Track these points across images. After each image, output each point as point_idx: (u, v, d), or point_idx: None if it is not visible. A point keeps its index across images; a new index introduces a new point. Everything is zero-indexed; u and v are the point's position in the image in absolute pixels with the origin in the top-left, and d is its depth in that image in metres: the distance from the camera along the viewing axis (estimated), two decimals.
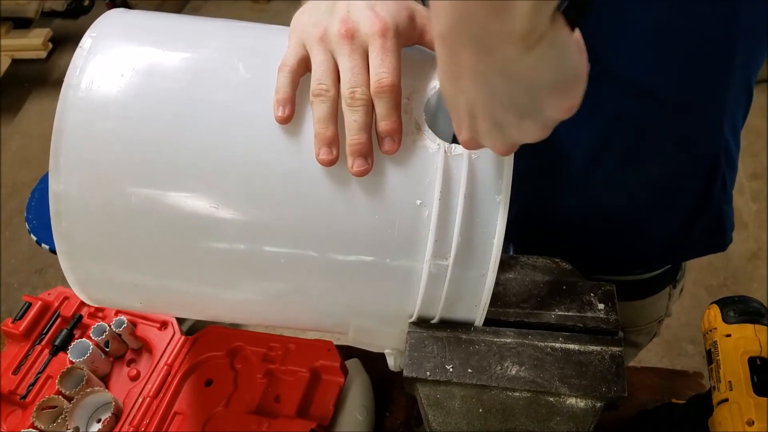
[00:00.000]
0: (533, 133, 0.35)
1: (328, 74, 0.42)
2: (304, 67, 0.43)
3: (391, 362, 0.51)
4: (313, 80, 0.42)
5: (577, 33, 0.34)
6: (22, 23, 2.43)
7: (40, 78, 2.55)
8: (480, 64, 0.31)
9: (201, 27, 0.48)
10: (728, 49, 0.51)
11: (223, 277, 0.47)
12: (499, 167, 0.43)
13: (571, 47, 0.31)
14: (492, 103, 0.33)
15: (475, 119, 0.35)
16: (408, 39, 0.44)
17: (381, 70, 0.41)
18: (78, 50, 0.44)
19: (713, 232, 0.66)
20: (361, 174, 0.41)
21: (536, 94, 0.32)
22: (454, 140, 0.44)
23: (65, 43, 2.59)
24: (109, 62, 0.44)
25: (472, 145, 0.38)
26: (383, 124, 0.41)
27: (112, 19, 0.47)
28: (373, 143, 0.42)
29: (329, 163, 0.42)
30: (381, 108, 0.41)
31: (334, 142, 0.41)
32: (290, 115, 0.42)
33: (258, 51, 0.46)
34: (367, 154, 0.41)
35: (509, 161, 0.43)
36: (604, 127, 0.56)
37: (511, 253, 0.74)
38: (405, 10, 0.43)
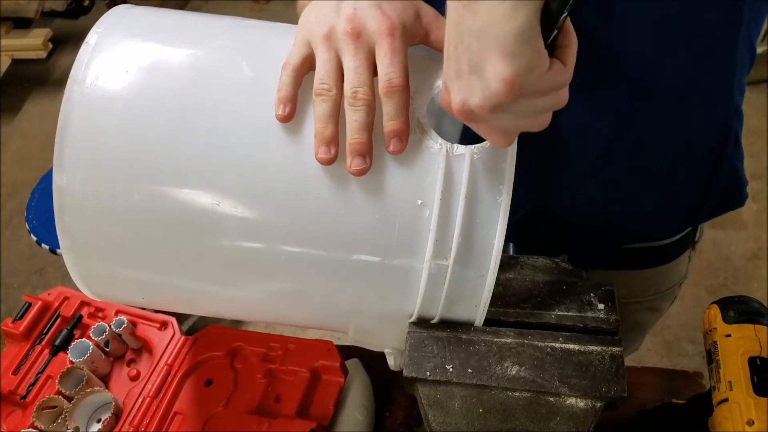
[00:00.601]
0: (477, 93, 0.35)
1: (331, 74, 0.42)
2: (307, 65, 0.43)
3: (391, 362, 0.51)
4: (316, 79, 0.42)
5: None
6: (22, 23, 2.43)
7: (40, 78, 2.55)
8: None
9: (206, 24, 0.48)
10: (737, 14, 0.51)
11: (224, 275, 0.47)
12: (500, 168, 0.43)
13: (530, 8, 0.32)
14: (457, 41, 0.35)
15: (449, 61, 0.36)
16: (414, 38, 0.44)
17: (390, 70, 0.41)
18: (84, 46, 0.44)
19: (730, 190, 0.67)
20: (359, 173, 0.41)
21: (484, 43, 0.33)
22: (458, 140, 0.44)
23: (65, 43, 2.59)
24: (115, 58, 0.44)
25: (445, 98, 0.38)
26: (391, 124, 0.41)
27: (117, 15, 0.47)
28: (374, 143, 0.42)
29: (327, 162, 0.41)
30: (390, 108, 0.41)
31: (333, 141, 0.41)
32: (290, 114, 0.42)
33: (262, 50, 0.46)
34: (366, 153, 0.41)
35: (511, 162, 0.43)
36: (619, 108, 0.56)
37: (512, 252, 0.74)
38: (411, 8, 0.43)
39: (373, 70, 0.42)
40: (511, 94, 0.33)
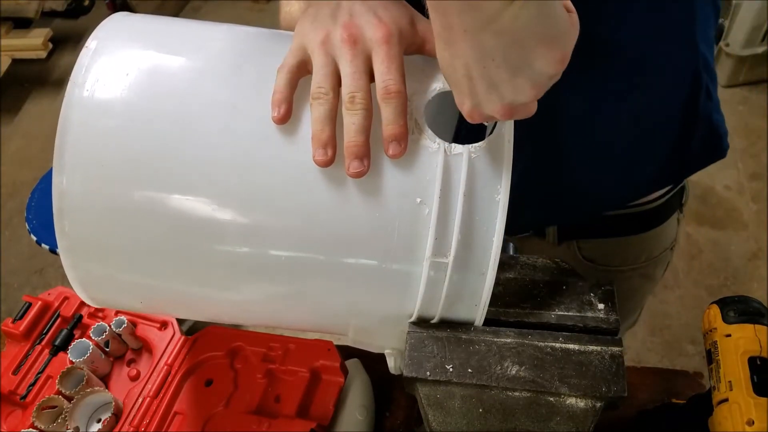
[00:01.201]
0: (526, 90, 0.36)
1: (328, 78, 0.42)
2: (303, 69, 0.44)
3: (391, 363, 0.51)
4: (313, 84, 0.42)
5: None
6: (22, 23, 2.43)
7: (40, 78, 2.55)
8: (468, 23, 0.33)
9: (206, 30, 0.48)
10: None
11: (223, 278, 0.47)
12: (498, 166, 0.43)
13: None
14: (484, 61, 0.34)
15: (473, 83, 0.36)
16: (410, 44, 0.44)
17: (387, 77, 0.41)
18: (84, 50, 0.45)
19: (709, 142, 0.68)
20: (357, 176, 0.42)
21: (524, 46, 0.33)
22: (454, 140, 0.44)
23: (65, 43, 2.59)
24: (115, 62, 0.44)
25: (476, 114, 0.39)
26: (390, 128, 0.41)
27: (117, 22, 0.47)
28: (373, 146, 0.42)
29: (324, 164, 0.42)
30: (388, 113, 0.41)
31: (330, 143, 0.42)
32: (286, 116, 0.42)
33: (261, 53, 0.46)
34: (363, 156, 0.41)
35: (508, 161, 0.43)
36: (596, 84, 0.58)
37: (512, 252, 0.74)
38: (407, 16, 0.44)
39: (370, 76, 0.42)
40: (564, 66, 0.35)
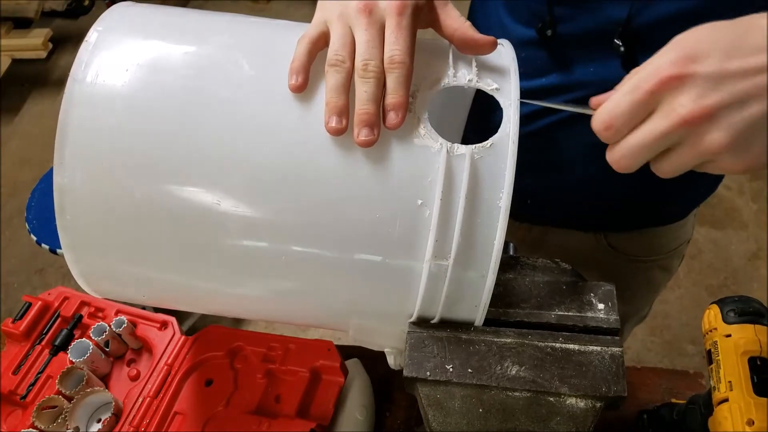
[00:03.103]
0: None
1: (345, 47, 0.43)
2: (323, 41, 0.44)
3: (391, 361, 0.51)
4: (330, 51, 0.43)
5: None
6: (22, 23, 2.43)
7: (40, 78, 2.54)
8: None
9: (207, 22, 0.48)
10: None
11: (225, 273, 0.47)
12: (501, 168, 0.43)
13: None
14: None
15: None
16: (424, 19, 0.45)
17: (394, 47, 0.42)
18: (83, 44, 0.45)
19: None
20: (366, 144, 0.42)
21: None
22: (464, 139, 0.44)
23: (65, 43, 2.59)
24: (115, 57, 0.44)
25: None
26: (390, 98, 0.42)
27: (118, 13, 0.47)
28: (377, 143, 0.42)
29: (337, 132, 0.42)
30: (390, 82, 0.42)
31: (344, 112, 0.42)
32: (303, 84, 0.43)
33: (262, 48, 0.46)
34: (373, 124, 0.42)
35: (512, 162, 0.43)
36: None
37: (511, 253, 0.74)
38: None
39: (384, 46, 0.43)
40: None
